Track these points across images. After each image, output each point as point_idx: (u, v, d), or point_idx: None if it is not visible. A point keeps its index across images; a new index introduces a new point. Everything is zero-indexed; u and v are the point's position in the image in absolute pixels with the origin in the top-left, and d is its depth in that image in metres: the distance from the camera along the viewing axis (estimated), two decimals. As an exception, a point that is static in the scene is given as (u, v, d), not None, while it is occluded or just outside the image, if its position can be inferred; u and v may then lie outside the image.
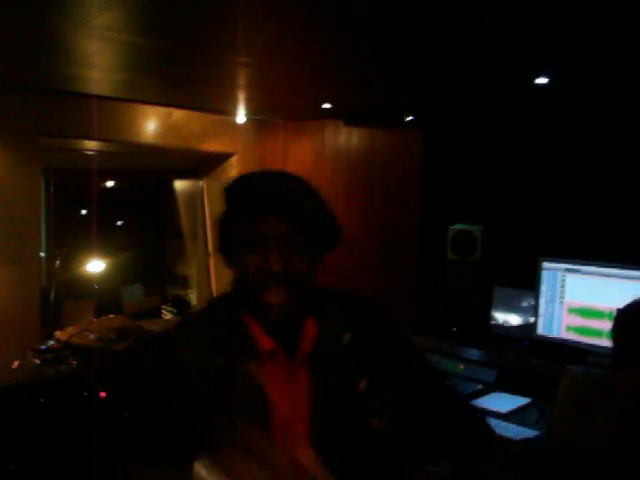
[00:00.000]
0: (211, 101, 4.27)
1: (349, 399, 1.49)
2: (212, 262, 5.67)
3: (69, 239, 5.51)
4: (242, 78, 3.45)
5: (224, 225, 1.49)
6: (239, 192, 1.46)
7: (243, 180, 1.48)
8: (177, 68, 3.26)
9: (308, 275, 1.45)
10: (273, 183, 1.45)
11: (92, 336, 3.75)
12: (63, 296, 5.12)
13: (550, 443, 2.32)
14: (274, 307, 1.42)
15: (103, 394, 3.37)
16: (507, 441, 2.64)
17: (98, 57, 2.97)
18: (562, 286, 3.35)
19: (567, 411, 2.25)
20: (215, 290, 5.63)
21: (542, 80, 3.17)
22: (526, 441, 2.61)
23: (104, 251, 5.32)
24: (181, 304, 6.05)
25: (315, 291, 1.54)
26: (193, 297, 6.26)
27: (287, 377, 1.46)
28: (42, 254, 4.66)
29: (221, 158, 5.41)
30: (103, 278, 5.54)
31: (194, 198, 6.08)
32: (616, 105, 3.33)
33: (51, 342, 3.76)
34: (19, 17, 2.40)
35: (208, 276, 5.81)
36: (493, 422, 2.83)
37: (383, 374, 1.55)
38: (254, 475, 1.26)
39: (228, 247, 1.49)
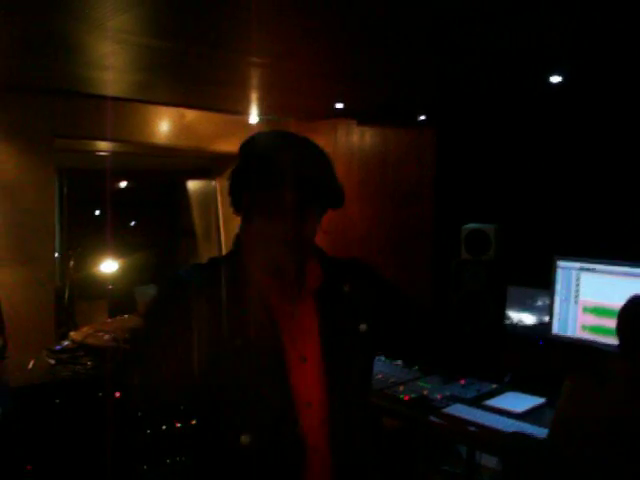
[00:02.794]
0: (224, 101, 4.28)
1: (353, 337, 1.62)
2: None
3: (83, 239, 5.52)
4: (255, 78, 3.46)
5: (236, 179, 1.57)
6: (254, 157, 1.53)
7: (256, 141, 1.58)
8: (190, 69, 3.27)
9: (312, 233, 1.57)
10: (282, 150, 1.52)
11: (106, 336, 3.76)
12: (77, 296, 5.14)
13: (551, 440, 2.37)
14: (279, 262, 1.53)
15: (118, 394, 3.38)
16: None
17: (112, 59, 2.99)
18: (577, 285, 3.34)
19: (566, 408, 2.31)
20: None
21: (556, 78, 3.15)
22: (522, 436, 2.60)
23: (117, 251, 5.33)
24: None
25: (320, 250, 1.69)
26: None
27: (294, 313, 1.57)
28: (56, 254, 4.68)
29: (234, 158, 5.35)
30: (117, 278, 5.55)
31: (207, 198, 6.09)
32: (631, 103, 3.31)
33: (66, 342, 3.77)
34: (35, 20, 2.41)
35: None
36: (508, 422, 2.83)
37: (379, 319, 1.69)
38: None
39: (237, 201, 1.58)
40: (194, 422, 1.60)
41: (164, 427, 3.43)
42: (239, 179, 1.56)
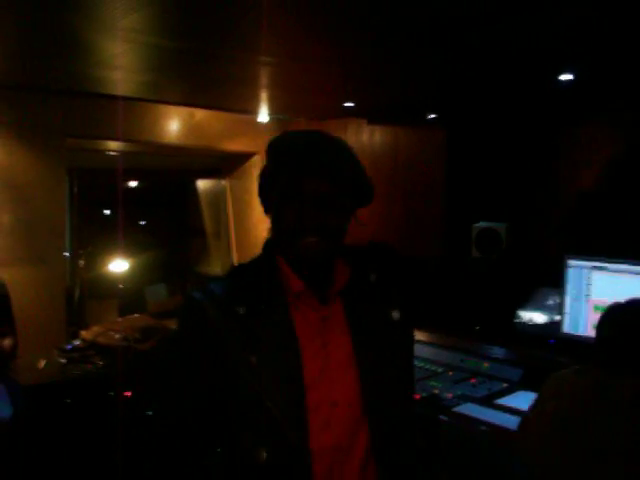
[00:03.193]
0: (234, 101, 4.28)
1: (386, 328, 1.60)
2: (235, 259, 5.69)
3: (93, 239, 5.55)
4: (265, 78, 3.46)
5: (265, 178, 1.59)
6: (281, 151, 1.56)
7: (285, 139, 1.58)
8: (200, 69, 3.28)
9: (340, 229, 1.55)
10: (313, 145, 1.54)
11: (117, 336, 3.78)
12: (87, 296, 5.16)
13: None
14: (308, 255, 1.51)
15: (128, 393, 3.39)
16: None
17: (123, 59, 2.99)
18: (588, 284, 3.32)
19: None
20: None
21: (567, 76, 3.14)
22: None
23: (127, 251, 5.35)
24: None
25: (345, 245, 1.65)
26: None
27: (318, 319, 1.55)
28: (66, 254, 4.70)
29: (244, 157, 5.42)
30: (127, 278, 5.57)
31: (217, 197, 6.10)
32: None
33: (76, 342, 3.80)
34: (46, 20, 2.42)
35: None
36: (518, 421, 2.82)
37: (411, 304, 1.67)
38: None
39: (268, 199, 1.59)
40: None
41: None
42: (267, 177, 1.58)
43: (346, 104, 4.12)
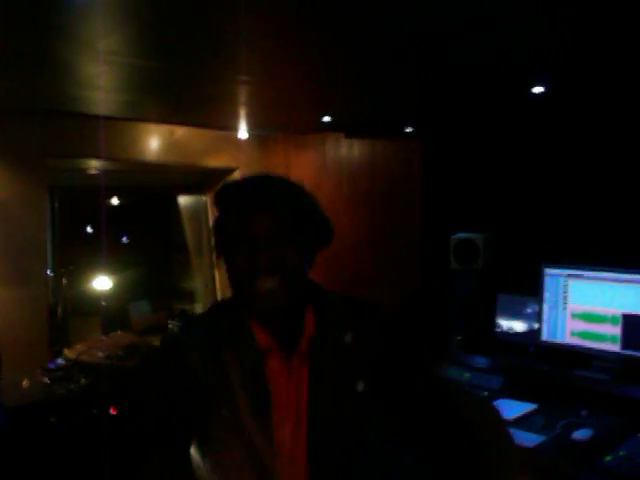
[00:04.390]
0: (213, 118, 4.32)
1: (347, 398, 1.49)
2: (217, 275, 5.71)
3: (75, 257, 5.54)
4: (243, 95, 3.50)
5: (216, 228, 1.54)
6: (226, 196, 1.52)
7: (229, 185, 1.53)
8: (179, 88, 3.31)
9: (298, 266, 1.47)
10: (256, 184, 1.50)
11: (100, 354, 3.77)
12: (70, 313, 5.14)
13: None
14: (265, 297, 1.43)
15: (113, 411, 3.39)
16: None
17: (102, 79, 3.01)
18: (565, 292, 3.38)
19: None
20: (221, 303, 5.64)
21: (539, 89, 3.21)
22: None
23: (110, 268, 5.34)
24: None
25: (318, 292, 1.57)
26: (199, 311, 6.28)
27: (287, 374, 1.49)
28: (49, 272, 4.69)
29: (224, 173, 5.44)
30: (110, 295, 5.56)
31: (198, 213, 6.12)
32: (613, 111, 3.36)
33: (60, 360, 3.79)
34: (25, 41, 2.44)
35: (214, 289, 5.84)
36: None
37: (382, 379, 1.53)
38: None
39: (222, 249, 1.52)
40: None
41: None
42: (218, 227, 1.54)
43: (324, 119, 4.17)
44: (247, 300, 1.48)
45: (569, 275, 3.36)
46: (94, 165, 4.99)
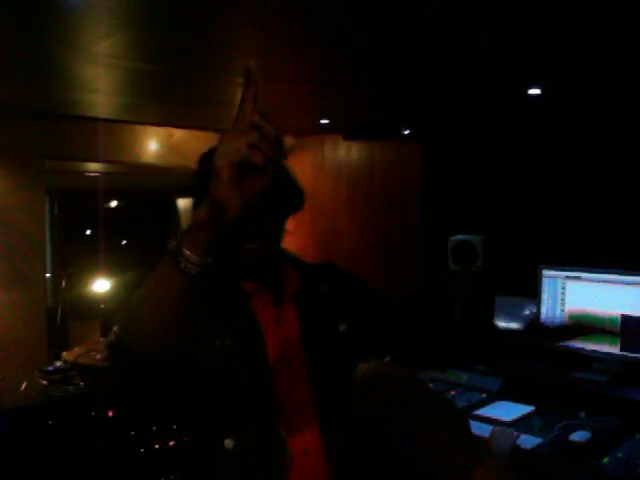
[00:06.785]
0: (210, 120, 4.32)
1: (334, 338, 1.67)
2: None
3: (74, 259, 5.55)
4: (240, 98, 3.50)
5: (198, 189, 1.59)
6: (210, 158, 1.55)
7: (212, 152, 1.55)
8: (176, 90, 3.31)
9: (275, 230, 1.62)
10: None
11: (99, 356, 3.77)
12: (69, 316, 5.15)
13: None
14: (250, 257, 1.58)
15: (111, 414, 3.39)
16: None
17: (99, 82, 3.03)
18: (563, 293, 3.38)
19: None
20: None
21: (535, 91, 3.21)
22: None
23: (109, 270, 5.35)
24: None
25: (293, 256, 1.76)
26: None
27: (275, 319, 1.61)
28: (48, 275, 4.70)
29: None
30: (109, 298, 5.56)
31: (197, 215, 6.11)
32: (610, 113, 3.36)
33: (58, 363, 3.78)
34: (22, 45, 2.45)
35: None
36: (498, 431, 2.86)
37: (358, 317, 1.73)
38: None
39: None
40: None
41: (157, 446, 3.44)
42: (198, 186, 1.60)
43: (322, 121, 4.17)
44: (235, 261, 1.59)
45: (567, 277, 3.35)
46: (93, 167, 5.00)
